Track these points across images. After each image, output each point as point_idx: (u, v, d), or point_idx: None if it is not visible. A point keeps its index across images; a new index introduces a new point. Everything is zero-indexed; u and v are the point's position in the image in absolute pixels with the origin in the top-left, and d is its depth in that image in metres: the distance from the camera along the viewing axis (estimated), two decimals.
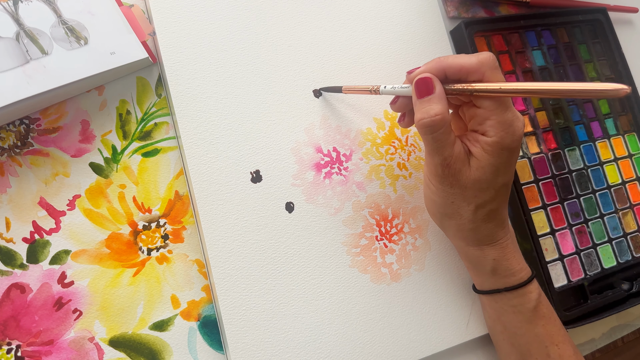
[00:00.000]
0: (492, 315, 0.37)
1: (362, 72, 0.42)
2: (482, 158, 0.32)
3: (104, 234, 0.35)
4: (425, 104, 0.31)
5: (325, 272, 0.37)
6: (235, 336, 0.34)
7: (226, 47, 0.39)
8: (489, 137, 0.31)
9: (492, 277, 0.36)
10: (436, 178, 0.33)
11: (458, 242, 0.36)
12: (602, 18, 0.53)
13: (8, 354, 0.32)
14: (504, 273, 0.35)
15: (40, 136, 0.35)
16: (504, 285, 0.35)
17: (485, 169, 0.32)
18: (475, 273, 0.37)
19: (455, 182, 0.32)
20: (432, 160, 0.32)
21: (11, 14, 0.33)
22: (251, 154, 0.38)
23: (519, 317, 0.35)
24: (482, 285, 0.37)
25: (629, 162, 0.51)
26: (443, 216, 0.35)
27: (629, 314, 0.48)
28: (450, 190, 0.33)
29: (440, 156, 0.32)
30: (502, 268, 0.35)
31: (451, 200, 0.33)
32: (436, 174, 0.33)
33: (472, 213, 0.33)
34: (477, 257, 0.35)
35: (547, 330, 0.35)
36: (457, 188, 0.33)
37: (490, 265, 0.35)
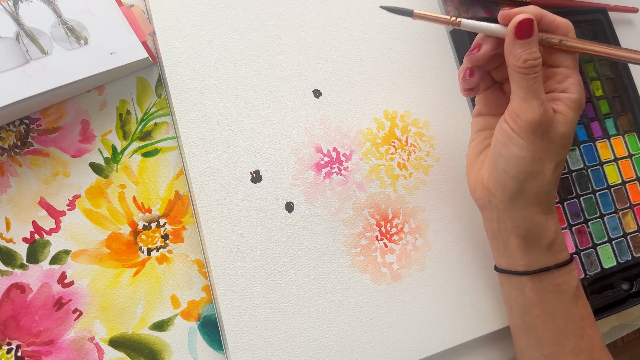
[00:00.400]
0: (532, 297, 0.35)
1: (362, 72, 0.42)
2: (567, 114, 0.33)
3: (104, 234, 0.35)
4: (527, 46, 0.32)
5: (325, 272, 0.37)
6: (235, 336, 0.34)
7: (226, 47, 0.39)
8: (572, 94, 0.33)
9: (545, 252, 0.35)
10: (530, 127, 0.32)
11: (528, 210, 0.34)
12: (602, 18, 0.53)
13: (8, 354, 0.32)
14: (558, 247, 0.35)
15: (40, 136, 0.35)
16: (553, 262, 0.35)
17: (570, 124, 0.33)
18: (526, 251, 0.35)
19: (547, 133, 0.32)
20: (530, 105, 0.32)
21: (11, 14, 0.33)
22: (251, 154, 0.38)
23: (562, 297, 0.35)
24: (530, 265, 0.35)
25: (629, 162, 0.50)
26: (527, 176, 0.33)
27: (629, 314, 0.48)
28: (540, 142, 0.32)
29: (539, 99, 0.32)
30: (558, 241, 0.35)
31: (539, 155, 0.33)
32: (532, 121, 0.32)
33: (552, 172, 0.33)
34: (542, 227, 0.35)
35: (585, 311, 0.35)
36: (547, 141, 0.32)
37: (550, 238, 0.35)
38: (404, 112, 0.43)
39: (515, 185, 0.34)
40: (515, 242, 0.35)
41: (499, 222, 0.36)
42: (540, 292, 0.35)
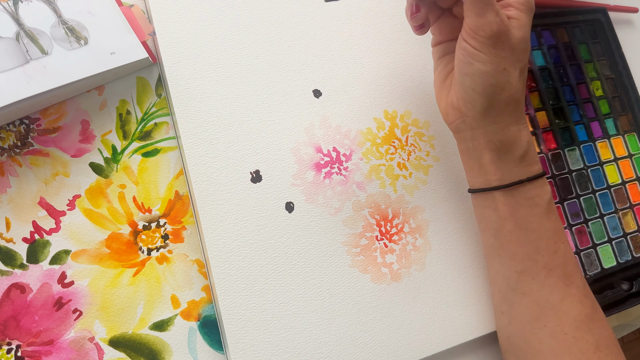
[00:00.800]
0: (505, 212, 0.36)
1: (362, 72, 0.42)
2: (520, 17, 0.33)
3: (104, 234, 0.35)
4: None
5: (325, 272, 0.37)
6: (235, 336, 0.34)
7: (226, 47, 0.39)
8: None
9: (518, 164, 0.35)
10: (490, 40, 0.32)
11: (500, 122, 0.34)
12: (602, 18, 0.53)
13: (8, 354, 0.32)
14: (531, 159, 0.35)
15: (40, 136, 0.35)
16: (526, 175, 0.35)
17: (525, 27, 0.33)
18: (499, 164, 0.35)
19: (507, 42, 0.32)
20: (486, 19, 0.32)
21: (11, 14, 0.33)
22: (251, 154, 0.38)
23: (534, 211, 0.35)
24: (502, 179, 0.35)
25: (629, 162, 0.51)
26: (495, 89, 0.33)
27: (629, 314, 0.48)
28: (502, 53, 0.32)
29: (493, 9, 0.31)
30: (531, 153, 0.35)
31: (503, 66, 0.33)
32: (491, 33, 0.32)
33: (519, 79, 0.34)
34: (515, 138, 0.35)
35: (557, 226, 0.36)
36: (507, 49, 0.32)
37: (524, 149, 0.35)
38: (404, 112, 0.43)
39: (484, 100, 0.34)
40: (489, 157, 0.35)
41: (472, 140, 0.36)
42: (513, 207, 0.35)
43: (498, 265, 0.37)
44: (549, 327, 0.35)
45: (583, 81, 0.51)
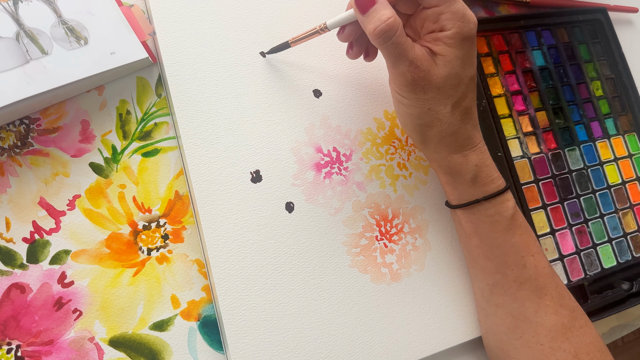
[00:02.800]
0: (468, 229, 0.37)
1: (362, 72, 0.42)
2: (447, 52, 0.32)
3: (104, 234, 0.35)
4: (373, 13, 0.31)
5: (325, 272, 0.37)
6: (235, 336, 0.34)
7: (226, 47, 0.39)
8: (449, 30, 0.32)
9: (472, 186, 0.35)
10: (408, 88, 0.32)
11: (440, 152, 0.35)
12: (602, 18, 0.53)
13: (8, 354, 0.32)
14: (484, 180, 0.35)
15: (40, 136, 0.35)
16: (482, 195, 0.35)
17: (452, 62, 0.32)
18: (454, 186, 0.36)
19: (428, 85, 0.32)
20: (399, 70, 0.32)
21: (11, 14, 0.33)
22: (251, 154, 0.38)
23: (496, 227, 0.35)
24: (460, 199, 0.36)
25: (629, 162, 0.51)
26: (423, 128, 0.34)
27: (629, 314, 0.48)
28: (424, 96, 0.33)
29: (406, 60, 0.31)
30: (483, 174, 0.35)
31: (427, 107, 0.33)
32: (406, 82, 0.32)
33: (450, 114, 0.33)
34: (460, 164, 0.35)
35: (524, 240, 0.36)
36: (431, 91, 0.32)
37: (472, 173, 0.35)
38: None
39: (417, 136, 0.36)
40: (444, 179, 0.37)
41: (430, 164, 0.38)
42: (474, 224, 0.36)
43: (474, 276, 0.38)
44: (524, 338, 0.35)
45: (583, 81, 0.51)
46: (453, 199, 0.37)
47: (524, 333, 0.35)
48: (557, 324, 0.35)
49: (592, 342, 0.35)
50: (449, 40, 0.32)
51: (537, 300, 0.35)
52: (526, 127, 0.48)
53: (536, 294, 0.35)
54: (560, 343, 0.35)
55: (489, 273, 0.36)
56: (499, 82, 0.48)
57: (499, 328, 0.37)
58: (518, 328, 0.36)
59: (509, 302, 0.36)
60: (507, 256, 0.35)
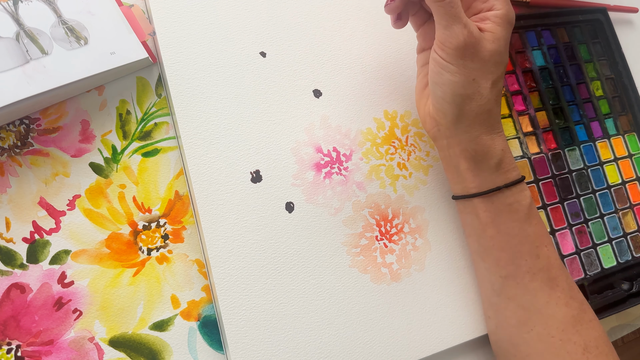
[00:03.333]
0: (485, 219, 0.36)
1: (363, 72, 0.42)
2: (496, 31, 0.33)
3: (104, 234, 0.35)
4: None
5: (325, 272, 0.37)
6: (235, 336, 0.34)
7: (226, 47, 0.39)
8: (498, 10, 0.33)
9: (495, 172, 0.35)
10: (457, 52, 0.32)
11: (472, 132, 0.35)
12: (602, 18, 0.53)
13: (8, 354, 0.32)
14: (507, 166, 0.36)
15: (40, 136, 0.35)
16: (504, 182, 0.35)
17: (500, 41, 0.33)
18: (476, 172, 0.36)
19: (476, 54, 0.33)
20: (453, 31, 0.32)
21: (11, 14, 0.33)
22: (251, 154, 0.38)
23: (514, 216, 0.35)
24: (480, 186, 0.36)
25: (629, 162, 0.51)
26: (464, 99, 0.34)
27: (629, 314, 0.48)
28: (471, 64, 0.33)
29: (461, 22, 0.32)
30: (507, 160, 0.36)
31: (472, 77, 0.33)
32: (457, 45, 0.32)
33: (490, 91, 0.34)
34: (488, 147, 0.35)
35: (539, 230, 0.36)
36: (478, 61, 0.33)
37: (498, 157, 0.35)
38: (404, 112, 0.43)
39: (454, 110, 0.35)
40: (465, 165, 0.36)
41: (449, 149, 0.37)
42: (492, 213, 0.36)
43: (483, 270, 0.38)
44: (535, 330, 0.35)
45: (583, 81, 0.51)
46: (473, 186, 0.36)
47: (535, 325, 0.35)
48: (568, 316, 0.35)
49: (601, 336, 0.35)
50: (498, 20, 0.33)
51: (548, 291, 0.35)
52: (526, 127, 0.48)
53: (548, 285, 0.35)
54: (570, 335, 0.34)
55: (503, 265, 0.36)
56: None
57: (509, 322, 0.36)
58: (529, 321, 0.35)
59: (521, 294, 0.36)
60: (522, 246, 0.35)
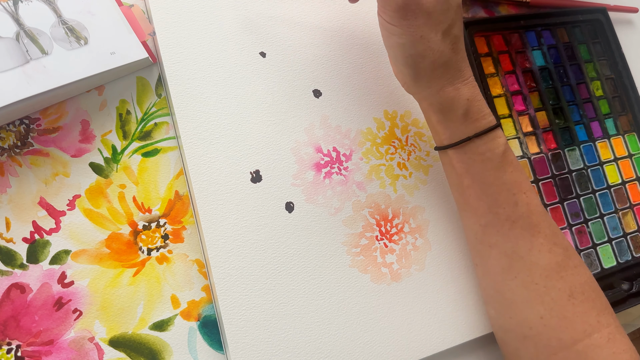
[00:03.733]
0: (460, 169, 0.36)
1: (363, 72, 0.42)
2: None
3: (104, 234, 0.35)
4: None
5: (325, 272, 0.37)
6: (235, 336, 0.34)
7: (226, 47, 0.39)
8: None
9: (463, 122, 0.35)
10: (398, 13, 0.32)
11: (432, 87, 0.35)
12: (602, 18, 0.53)
13: (8, 354, 0.32)
14: (475, 115, 0.35)
15: (40, 136, 0.35)
16: (474, 131, 0.35)
17: None
18: (446, 124, 0.36)
19: (418, 9, 0.32)
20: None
21: (11, 14, 0.33)
22: (251, 154, 0.38)
23: (488, 165, 0.35)
24: (451, 138, 0.36)
25: (629, 162, 0.51)
26: (415, 59, 0.34)
27: (629, 314, 0.48)
28: (415, 22, 0.32)
29: None
30: (474, 109, 0.35)
31: (419, 34, 0.33)
32: (397, 6, 0.32)
33: (441, 42, 0.33)
34: (452, 98, 0.35)
35: (515, 178, 0.35)
36: (421, 16, 0.32)
37: (464, 107, 0.35)
38: (404, 112, 0.43)
39: (409, 70, 0.35)
40: (435, 118, 0.36)
41: (420, 104, 0.37)
42: (466, 163, 0.36)
43: (466, 219, 0.38)
44: (519, 277, 0.35)
45: (583, 81, 0.51)
46: (445, 138, 0.36)
47: (518, 273, 0.35)
48: (552, 262, 0.35)
49: (587, 282, 0.35)
50: None
51: (530, 238, 0.35)
52: (526, 127, 0.48)
53: (529, 232, 0.35)
54: (555, 282, 0.34)
55: (481, 213, 0.36)
56: (498, 82, 0.48)
57: (494, 269, 0.36)
58: (512, 268, 0.35)
59: (502, 241, 0.35)
60: (498, 194, 0.35)
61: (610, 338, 0.33)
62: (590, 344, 0.33)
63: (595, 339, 0.33)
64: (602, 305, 0.35)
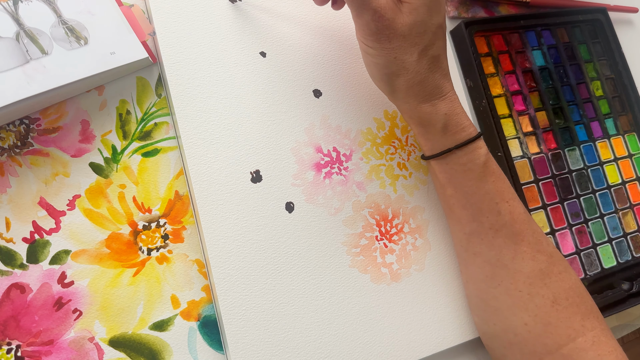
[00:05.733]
0: (443, 179, 0.37)
1: (363, 72, 0.42)
2: (412, 1, 0.32)
3: (104, 234, 0.35)
4: None
5: (325, 272, 0.37)
6: (235, 336, 0.34)
7: (226, 47, 0.39)
8: None
9: (443, 135, 0.35)
10: (372, 37, 0.33)
11: (410, 103, 0.35)
12: (602, 18, 0.53)
13: (8, 354, 0.32)
14: (454, 129, 0.35)
15: (40, 136, 0.35)
16: (454, 143, 0.35)
17: (418, 9, 0.32)
18: (426, 137, 0.36)
19: (393, 34, 0.32)
20: (363, 19, 0.32)
21: (11, 14, 0.33)
22: (251, 154, 0.38)
23: (469, 175, 0.36)
24: (432, 149, 0.36)
25: (629, 162, 0.51)
26: (390, 77, 0.34)
27: (629, 314, 0.48)
28: (389, 45, 0.33)
29: (369, 9, 0.32)
30: (453, 123, 0.35)
31: (393, 56, 0.33)
32: (371, 32, 0.32)
33: (417, 63, 0.33)
34: (429, 114, 0.35)
35: (497, 187, 0.36)
36: (396, 40, 0.32)
37: (442, 122, 0.35)
38: None
39: (386, 87, 0.36)
40: (416, 130, 0.37)
41: (402, 116, 0.38)
42: (448, 173, 0.36)
43: (452, 227, 0.39)
44: (503, 285, 0.35)
45: (583, 81, 0.51)
46: (427, 149, 0.37)
47: (502, 280, 0.35)
48: (535, 270, 0.35)
49: (571, 288, 0.35)
50: None
51: (513, 246, 0.35)
52: (526, 127, 0.48)
53: (512, 241, 0.35)
54: (538, 289, 0.35)
55: (465, 222, 0.36)
56: (499, 82, 0.48)
57: (478, 277, 0.37)
58: (496, 276, 0.36)
59: (486, 250, 0.36)
60: (481, 204, 0.36)
61: (595, 341, 0.34)
62: (575, 348, 0.34)
63: (580, 343, 0.34)
64: (588, 309, 0.35)
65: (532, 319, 0.34)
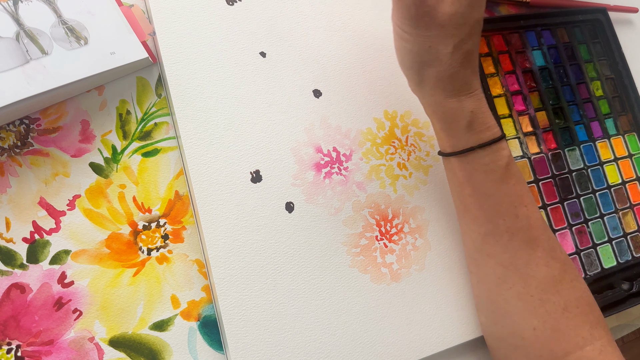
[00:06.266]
0: (462, 178, 0.36)
1: (363, 72, 0.42)
2: None
3: (104, 234, 0.35)
4: None
5: (325, 272, 0.37)
6: (235, 336, 0.34)
7: (226, 47, 0.39)
8: None
9: (467, 133, 0.35)
10: (410, 22, 0.32)
11: (436, 96, 0.35)
12: (602, 18, 0.53)
13: (8, 354, 0.32)
14: (479, 127, 0.35)
15: (40, 136, 0.35)
16: (477, 142, 0.35)
17: (461, 1, 0.31)
18: (449, 132, 0.36)
19: (431, 22, 0.31)
20: (404, 2, 0.31)
21: (11, 14, 0.33)
22: (251, 154, 0.38)
23: (490, 176, 0.35)
24: (454, 146, 0.36)
25: (629, 162, 0.50)
26: (422, 66, 0.33)
27: (629, 314, 0.48)
28: (426, 33, 0.32)
29: None
30: (478, 121, 0.35)
31: (428, 44, 0.32)
32: (410, 16, 0.31)
33: (450, 56, 0.33)
34: (455, 110, 0.34)
35: (517, 190, 0.35)
36: (434, 28, 0.32)
37: (467, 119, 0.34)
38: (404, 112, 0.43)
39: (414, 75, 0.35)
40: (438, 125, 0.36)
41: (425, 109, 0.37)
42: (468, 172, 0.36)
43: (465, 226, 0.38)
44: (514, 289, 0.35)
45: (583, 81, 0.51)
46: (448, 146, 0.36)
47: (514, 284, 0.35)
48: (548, 276, 0.35)
49: (582, 297, 0.35)
50: None
51: (528, 251, 0.35)
52: (526, 127, 0.48)
53: (528, 245, 0.35)
54: (550, 295, 0.34)
55: (481, 222, 0.36)
56: (499, 82, 0.48)
57: (489, 278, 0.36)
58: (509, 279, 0.35)
59: (500, 252, 0.35)
60: (499, 206, 0.35)
61: (602, 350, 0.34)
62: (582, 356, 0.33)
63: (587, 352, 0.33)
64: (596, 319, 0.35)
65: (541, 324, 0.34)
